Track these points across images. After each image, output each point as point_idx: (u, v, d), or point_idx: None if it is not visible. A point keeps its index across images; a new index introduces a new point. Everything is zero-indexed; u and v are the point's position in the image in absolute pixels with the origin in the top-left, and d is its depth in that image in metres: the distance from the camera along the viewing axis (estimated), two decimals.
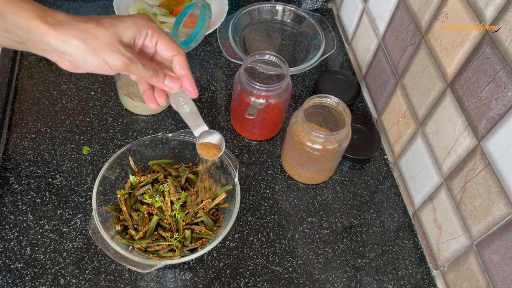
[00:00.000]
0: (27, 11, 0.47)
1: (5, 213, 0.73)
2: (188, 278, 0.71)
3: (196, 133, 0.61)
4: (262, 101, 0.79)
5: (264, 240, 0.75)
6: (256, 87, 0.77)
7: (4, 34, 0.50)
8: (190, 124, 0.60)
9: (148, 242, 0.68)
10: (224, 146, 0.63)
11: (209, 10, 0.91)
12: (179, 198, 0.70)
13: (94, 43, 0.49)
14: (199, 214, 0.71)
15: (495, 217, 0.60)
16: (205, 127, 0.61)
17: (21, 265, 0.69)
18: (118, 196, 0.71)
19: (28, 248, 0.70)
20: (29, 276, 0.68)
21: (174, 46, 0.55)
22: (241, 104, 0.81)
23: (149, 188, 0.72)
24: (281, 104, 0.82)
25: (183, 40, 0.94)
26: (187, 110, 0.59)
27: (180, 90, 0.58)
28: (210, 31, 0.98)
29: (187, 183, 0.75)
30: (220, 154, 0.62)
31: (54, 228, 0.73)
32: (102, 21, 0.50)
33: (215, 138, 0.62)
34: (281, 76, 0.84)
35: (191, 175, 0.75)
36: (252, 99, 0.79)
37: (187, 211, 0.71)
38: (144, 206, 0.71)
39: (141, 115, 0.88)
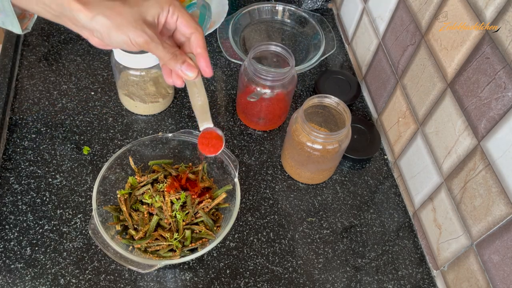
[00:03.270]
0: None
1: (5, 213, 0.73)
2: (188, 278, 0.71)
3: (201, 127, 0.62)
4: (267, 90, 0.80)
5: (264, 240, 0.75)
6: (262, 75, 0.78)
7: (41, 5, 0.53)
8: (198, 116, 0.62)
9: (148, 242, 0.68)
10: (224, 143, 0.63)
11: (209, 10, 0.91)
12: (179, 198, 0.70)
13: (118, 20, 0.52)
14: (199, 214, 0.71)
15: (495, 217, 0.60)
16: (210, 124, 0.62)
17: (21, 265, 0.69)
18: (118, 196, 0.71)
19: (28, 248, 0.70)
20: (29, 276, 0.68)
21: (193, 24, 0.56)
22: (247, 94, 0.82)
23: (149, 188, 0.72)
24: (285, 95, 0.83)
25: None
26: (199, 103, 0.61)
27: (197, 80, 0.59)
28: (210, 31, 0.98)
29: (187, 183, 0.75)
30: (220, 151, 0.63)
31: (54, 228, 0.73)
32: (128, 0, 0.53)
33: (219, 132, 0.63)
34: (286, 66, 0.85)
35: (191, 175, 0.75)
36: (258, 88, 0.81)
37: (187, 211, 0.70)
38: (144, 206, 0.71)
39: (141, 115, 0.88)
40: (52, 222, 0.73)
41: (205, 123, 0.62)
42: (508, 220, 0.58)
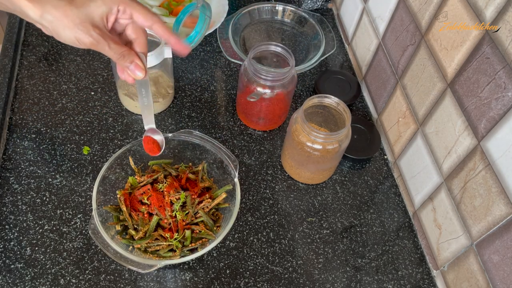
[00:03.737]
0: None
1: (5, 213, 0.73)
2: (188, 278, 0.71)
3: (146, 127, 0.66)
4: (267, 90, 0.80)
5: (264, 240, 0.75)
6: (262, 75, 0.78)
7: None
8: (143, 116, 0.65)
9: (148, 242, 0.68)
10: (163, 147, 0.68)
11: (209, 10, 0.91)
12: (179, 198, 0.70)
13: (65, 21, 0.52)
14: (199, 214, 0.71)
15: (495, 217, 0.60)
16: (153, 125, 0.66)
17: (21, 265, 0.69)
18: (118, 196, 0.71)
19: (28, 248, 0.70)
20: (29, 276, 0.68)
21: (149, 15, 0.57)
22: (247, 94, 0.82)
23: (149, 188, 0.72)
24: (285, 95, 0.83)
25: (183, 40, 0.94)
26: (145, 103, 0.63)
27: (143, 81, 0.60)
28: (210, 31, 0.98)
29: (187, 183, 0.75)
30: (158, 154, 0.69)
31: (54, 228, 0.73)
32: (75, 0, 0.53)
33: (158, 137, 0.68)
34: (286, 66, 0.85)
35: (191, 175, 0.75)
36: (258, 88, 0.81)
37: (187, 211, 0.70)
38: (144, 206, 0.71)
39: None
40: (52, 222, 0.73)
41: (149, 124, 0.66)
42: (508, 220, 0.58)
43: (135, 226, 0.70)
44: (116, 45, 0.56)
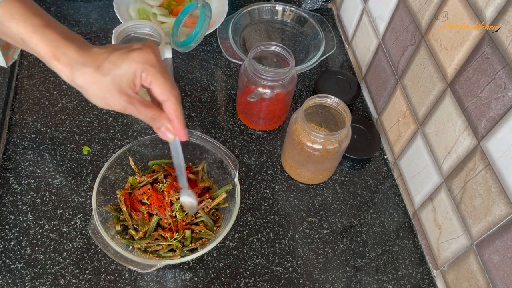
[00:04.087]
0: (44, 47, 0.53)
1: (5, 213, 0.73)
2: (188, 278, 0.71)
3: (180, 185, 0.68)
4: (267, 90, 0.80)
5: (264, 240, 0.75)
6: (262, 75, 0.78)
7: (25, 49, 0.56)
8: (177, 174, 0.67)
9: (148, 242, 0.68)
10: (197, 207, 0.70)
11: (209, 10, 0.91)
12: (179, 198, 0.70)
13: (92, 88, 0.54)
14: (199, 214, 0.71)
15: (495, 217, 0.60)
16: (185, 186, 0.68)
17: (21, 265, 0.69)
18: (118, 196, 0.71)
19: (28, 248, 0.70)
20: (29, 276, 0.68)
21: (166, 91, 0.56)
22: (247, 94, 0.82)
23: (149, 188, 0.72)
24: (285, 95, 0.83)
25: (183, 40, 0.94)
26: (176, 163, 0.65)
27: (175, 143, 0.62)
28: (210, 31, 0.98)
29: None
30: (193, 212, 0.71)
31: (54, 228, 0.73)
32: (102, 66, 0.53)
33: (192, 200, 0.69)
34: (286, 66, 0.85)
35: (191, 175, 0.75)
36: (258, 88, 0.81)
37: (187, 211, 0.70)
38: (144, 206, 0.71)
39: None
40: (52, 222, 0.73)
41: (182, 185, 0.68)
42: (508, 220, 0.58)
43: (135, 226, 0.70)
44: (145, 109, 0.56)
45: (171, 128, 0.58)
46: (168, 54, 0.80)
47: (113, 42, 0.81)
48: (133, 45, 0.56)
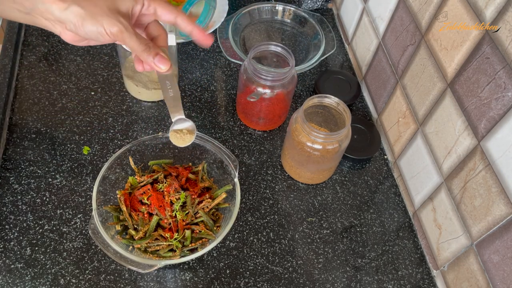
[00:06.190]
0: None
1: (5, 213, 0.73)
2: (188, 278, 0.71)
3: (173, 118, 0.63)
4: (267, 90, 0.80)
5: (264, 240, 0.75)
6: (262, 75, 0.78)
7: (11, 5, 0.53)
8: (169, 108, 0.63)
9: (148, 242, 0.68)
10: (195, 134, 0.66)
11: (214, 1, 0.93)
12: (179, 198, 0.70)
13: (92, 9, 0.52)
14: (199, 214, 0.71)
15: (495, 217, 0.60)
16: (182, 115, 0.63)
17: (21, 265, 0.69)
18: (118, 196, 0.71)
19: (28, 248, 0.70)
20: (29, 276, 0.68)
21: (173, 9, 0.57)
22: (247, 94, 0.82)
23: (149, 188, 0.72)
24: (285, 95, 0.83)
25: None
26: (171, 95, 0.62)
27: (168, 74, 0.59)
28: (210, 31, 0.98)
29: (187, 183, 0.75)
30: (192, 140, 0.66)
31: (54, 228, 0.73)
32: None
33: (188, 124, 0.65)
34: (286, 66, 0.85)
35: (191, 175, 0.75)
36: (258, 88, 0.81)
37: (187, 211, 0.70)
38: (144, 206, 0.71)
39: (142, 114, 0.88)
40: (52, 222, 0.73)
41: (177, 114, 0.63)
42: (508, 220, 0.58)
43: (135, 226, 0.70)
44: (139, 36, 0.55)
45: (166, 57, 0.57)
46: (172, 42, 0.80)
47: None
48: None
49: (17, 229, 0.72)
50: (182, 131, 0.65)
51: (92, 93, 0.90)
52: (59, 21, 0.53)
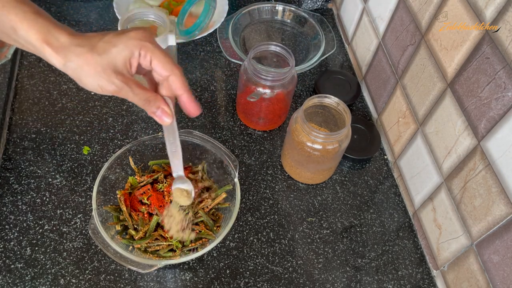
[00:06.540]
0: (35, 32, 0.52)
1: (5, 213, 0.73)
2: (188, 278, 0.71)
3: (174, 174, 0.65)
4: (267, 90, 0.80)
5: (264, 240, 0.75)
6: (262, 75, 0.78)
7: (15, 44, 0.55)
8: (171, 163, 0.64)
9: (148, 242, 0.68)
10: (193, 196, 0.68)
11: (214, 1, 0.93)
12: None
13: (87, 69, 0.52)
14: (199, 214, 0.71)
15: (495, 217, 0.60)
16: (181, 173, 0.65)
17: (21, 265, 0.69)
18: (118, 196, 0.71)
19: (28, 248, 0.70)
20: (29, 276, 0.68)
21: (168, 66, 0.54)
22: (247, 94, 0.82)
23: (149, 188, 0.72)
24: (285, 95, 0.83)
25: (188, 28, 0.95)
26: (173, 150, 0.62)
27: (171, 127, 0.59)
28: (210, 31, 0.98)
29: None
30: (188, 204, 0.68)
31: (54, 228, 0.73)
32: (97, 46, 0.52)
33: (187, 186, 0.67)
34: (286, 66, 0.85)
35: (191, 175, 0.75)
36: (258, 88, 0.81)
37: (187, 211, 0.70)
38: (144, 206, 0.71)
39: (144, 112, 0.88)
40: (52, 222, 0.73)
41: (178, 172, 0.65)
42: (508, 220, 0.58)
43: (135, 226, 0.70)
44: (141, 91, 0.54)
45: (168, 111, 0.55)
46: (172, 42, 0.80)
47: (119, 29, 0.81)
48: (127, 29, 0.54)
49: (17, 229, 0.72)
50: (186, 191, 0.67)
51: (92, 93, 0.90)
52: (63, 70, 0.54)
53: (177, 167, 0.64)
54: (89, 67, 0.51)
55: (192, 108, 0.56)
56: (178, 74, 0.55)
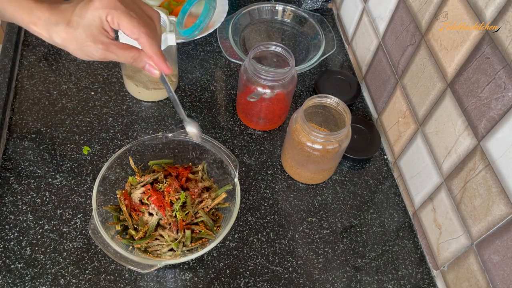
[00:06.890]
0: (20, 14, 0.56)
1: (5, 213, 0.73)
2: (188, 278, 0.71)
3: (181, 117, 0.69)
4: (267, 90, 0.80)
5: (264, 240, 0.75)
6: (262, 75, 0.78)
7: (3, 19, 0.60)
8: (174, 107, 0.69)
9: (148, 242, 0.68)
10: (199, 138, 0.73)
11: (214, 1, 0.93)
12: (179, 198, 0.70)
13: (69, 44, 0.57)
14: (199, 214, 0.71)
15: (495, 217, 0.60)
16: (183, 117, 0.69)
17: (21, 265, 0.69)
18: (118, 196, 0.71)
19: (28, 248, 0.70)
20: (29, 276, 0.68)
21: (134, 29, 0.56)
22: (247, 94, 0.82)
23: (149, 188, 0.72)
24: (285, 95, 0.83)
25: (188, 28, 0.95)
26: (170, 96, 0.66)
27: (162, 78, 0.63)
28: (210, 31, 0.98)
29: (187, 183, 0.75)
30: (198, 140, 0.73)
31: (54, 228, 0.73)
32: (71, 20, 0.56)
33: (194, 131, 0.71)
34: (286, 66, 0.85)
35: (191, 175, 0.75)
36: (258, 88, 0.80)
37: (187, 211, 0.70)
38: (144, 206, 0.71)
39: (142, 114, 0.88)
40: (52, 222, 0.73)
41: (181, 116, 0.68)
42: (508, 220, 0.58)
43: (135, 226, 0.70)
44: (124, 51, 0.57)
45: (154, 65, 0.59)
46: (171, 42, 0.80)
47: None
48: None
49: (17, 229, 0.72)
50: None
51: (92, 93, 0.90)
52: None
53: (179, 112, 0.68)
54: (71, 42, 0.56)
55: (163, 68, 0.60)
56: (144, 37, 0.57)
